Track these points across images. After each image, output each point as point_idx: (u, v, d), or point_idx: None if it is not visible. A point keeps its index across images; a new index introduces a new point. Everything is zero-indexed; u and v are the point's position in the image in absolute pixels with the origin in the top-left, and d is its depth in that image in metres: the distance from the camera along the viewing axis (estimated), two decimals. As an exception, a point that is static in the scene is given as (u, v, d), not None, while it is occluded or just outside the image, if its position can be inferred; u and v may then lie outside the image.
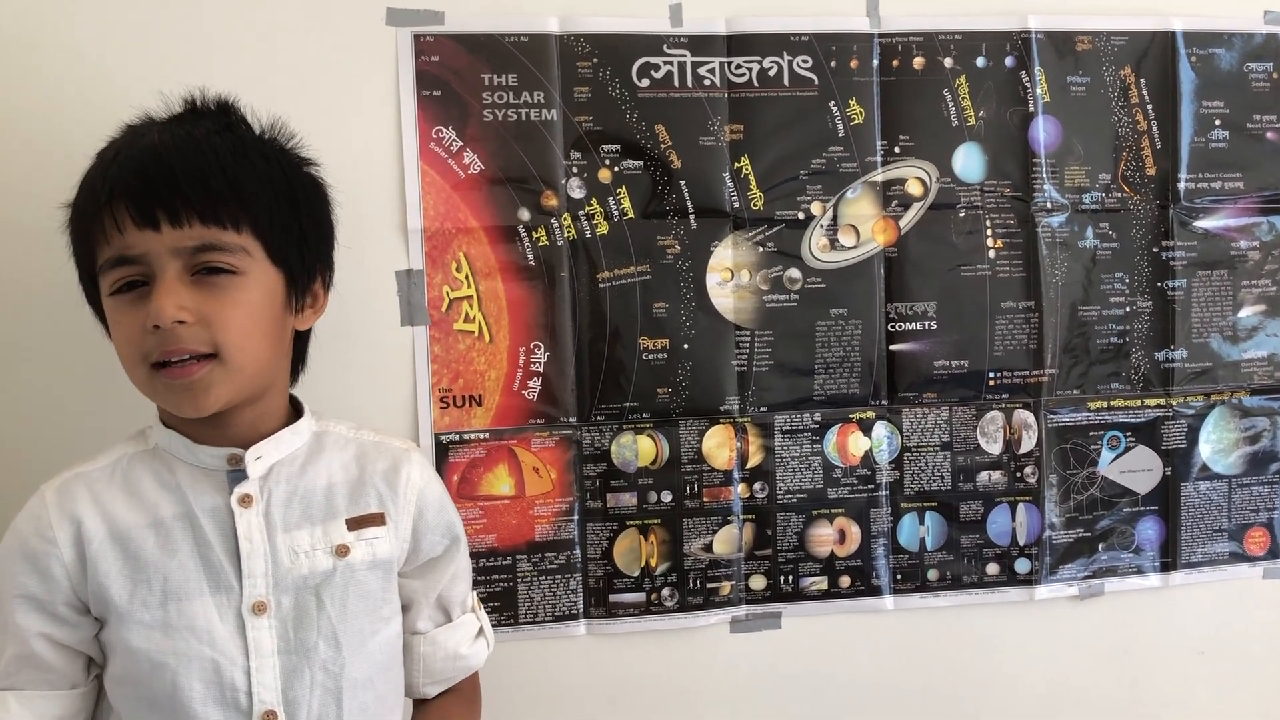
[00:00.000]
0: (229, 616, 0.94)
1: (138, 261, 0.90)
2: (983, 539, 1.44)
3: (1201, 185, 1.47)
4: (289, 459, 1.01)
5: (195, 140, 0.94)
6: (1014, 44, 1.41)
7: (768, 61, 1.36)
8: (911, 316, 1.41)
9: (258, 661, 0.94)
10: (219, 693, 0.93)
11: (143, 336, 0.90)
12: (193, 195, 0.90)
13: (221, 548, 0.95)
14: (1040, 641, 1.47)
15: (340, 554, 0.99)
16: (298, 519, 0.99)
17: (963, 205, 1.41)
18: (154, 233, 0.89)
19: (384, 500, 1.03)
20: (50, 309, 1.21)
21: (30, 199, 1.16)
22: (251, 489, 0.97)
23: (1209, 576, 1.51)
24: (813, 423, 1.40)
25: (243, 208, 0.93)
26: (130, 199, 0.89)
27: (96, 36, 1.23)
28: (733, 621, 1.40)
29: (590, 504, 1.36)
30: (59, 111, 1.22)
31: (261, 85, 1.24)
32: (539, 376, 1.34)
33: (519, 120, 1.31)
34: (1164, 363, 1.48)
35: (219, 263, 0.91)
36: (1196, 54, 1.46)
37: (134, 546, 0.94)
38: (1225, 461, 1.51)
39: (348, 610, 0.98)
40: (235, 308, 0.92)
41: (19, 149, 1.22)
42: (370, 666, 1.00)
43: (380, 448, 1.06)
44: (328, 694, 0.96)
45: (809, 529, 1.41)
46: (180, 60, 1.24)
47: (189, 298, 0.90)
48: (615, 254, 1.34)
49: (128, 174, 0.91)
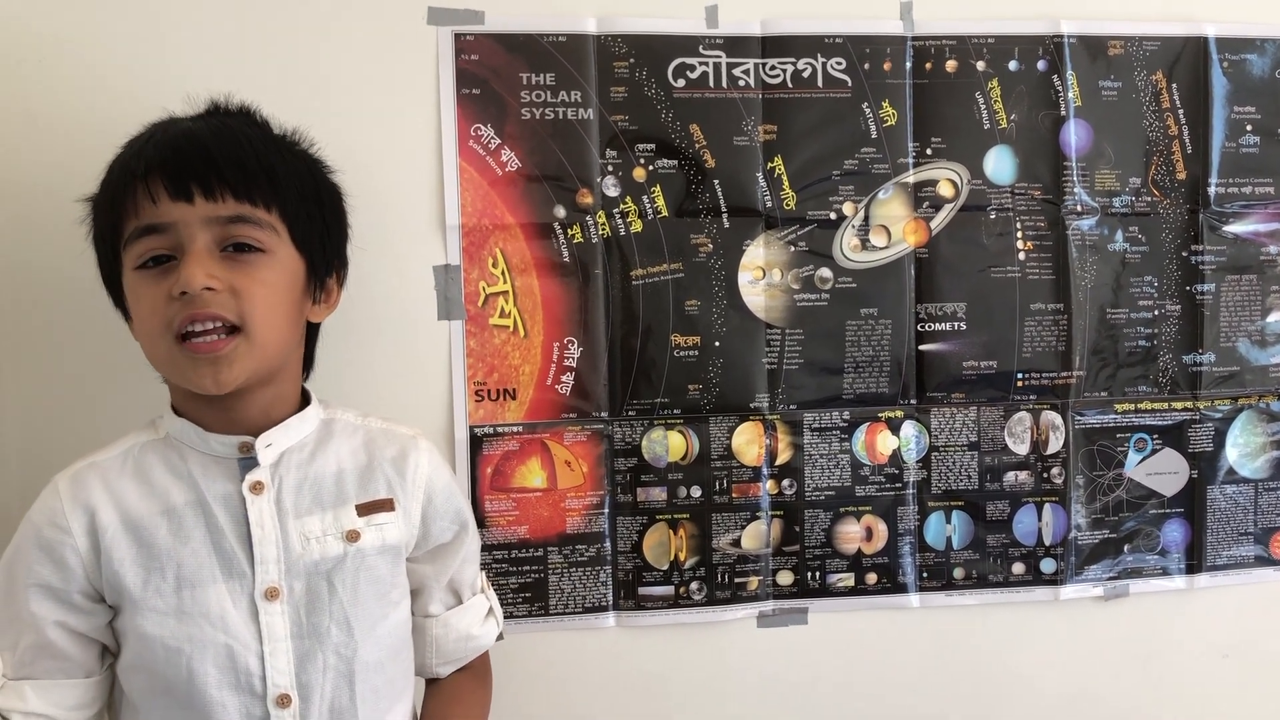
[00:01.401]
0: (242, 602, 0.96)
1: (167, 232, 0.92)
2: (1009, 538, 1.45)
3: (1231, 190, 1.48)
4: (298, 446, 1.02)
5: (229, 128, 0.97)
6: (1046, 48, 1.42)
7: (802, 63, 1.38)
8: (941, 317, 1.42)
9: (271, 646, 0.96)
10: (233, 678, 0.94)
11: (167, 305, 0.91)
12: (228, 172, 0.92)
13: (234, 534, 0.97)
14: (1064, 641, 1.48)
15: (351, 539, 1.00)
16: (308, 505, 1.00)
17: (993, 207, 1.42)
18: (187, 204, 0.91)
19: (393, 486, 1.04)
20: (64, 304, 1.24)
21: (52, 197, 1.18)
22: (263, 476, 0.99)
23: (1234, 580, 1.52)
24: (842, 421, 1.42)
25: (273, 190, 0.96)
26: (165, 173, 0.92)
27: (137, 36, 1.25)
28: (759, 616, 1.42)
29: (621, 498, 1.37)
30: (98, 109, 1.24)
31: (305, 83, 1.27)
32: (572, 371, 1.36)
33: (556, 119, 1.33)
34: (1191, 366, 1.48)
35: (248, 238, 0.93)
36: (1229, 59, 1.46)
37: (147, 535, 0.96)
38: (1252, 465, 1.51)
39: (359, 595, 1.00)
40: (262, 284, 0.94)
41: (47, 146, 1.24)
42: (381, 650, 1.01)
43: (388, 435, 1.08)
44: (340, 677, 0.98)
45: (836, 526, 1.42)
46: (223, 59, 1.26)
47: (218, 268, 0.91)
48: (649, 252, 1.36)
49: (164, 151, 0.93)
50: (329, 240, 1.04)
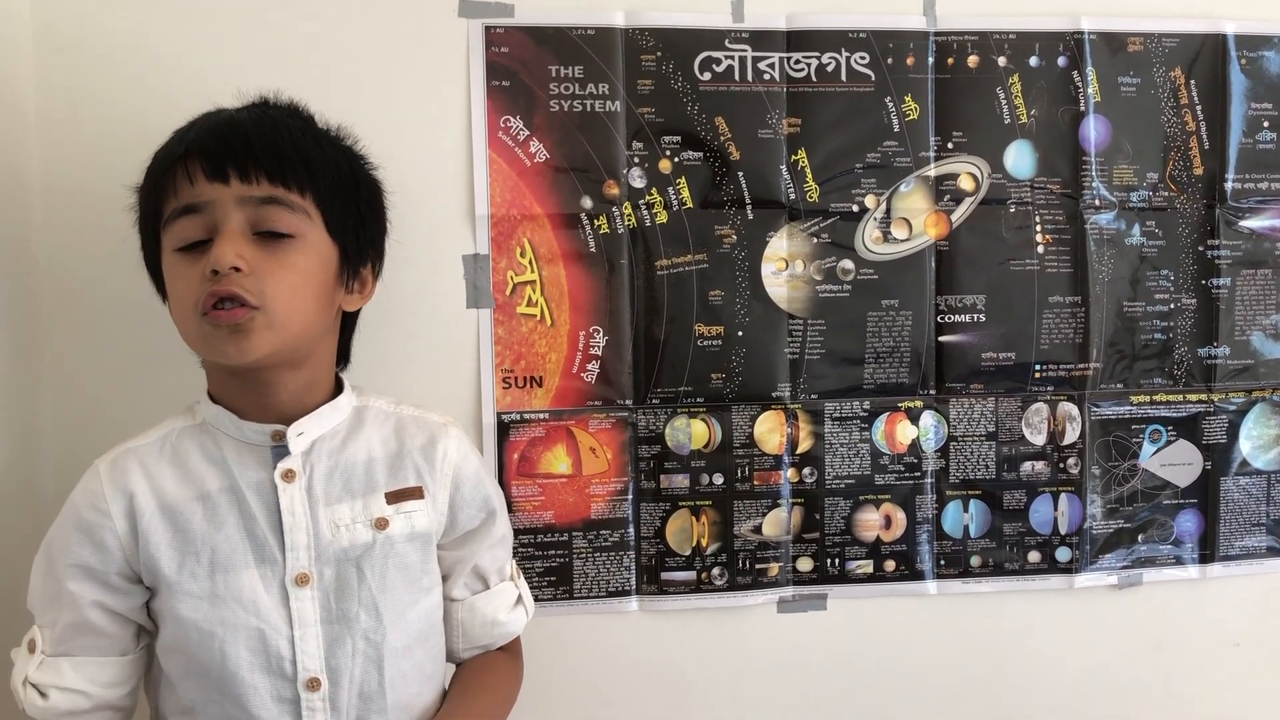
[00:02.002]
0: (273, 587, 0.98)
1: (203, 211, 0.94)
2: (1025, 527, 1.48)
3: (1248, 186, 1.50)
4: (330, 434, 1.04)
5: (270, 118, 1.00)
6: (1067, 44, 1.44)
7: (826, 57, 1.40)
8: (961, 309, 1.44)
9: (301, 631, 0.98)
10: (265, 661, 0.97)
11: (199, 284, 0.93)
12: (264, 156, 0.95)
13: (265, 521, 0.99)
14: (1079, 629, 1.51)
15: (379, 527, 1.02)
16: (339, 493, 1.02)
17: (1013, 201, 1.44)
18: (222, 185, 0.94)
19: (421, 474, 1.06)
20: (106, 294, 1.27)
21: (96, 192, 1.21)
22: (294, 464, 1.01)
23: (1246, 570, 1.54)
24: (862, 410, 1.44)
25: (309, 176, 0.98)
26: (204, 155, 0.95)
27: (172, 32, 1.28)
28: (780, 602, 1.44)
29: (644, 484, 1.40)
30: (138, 102, 1.27)
31: (337, 74, 1.30)
32: (597, 360, 1.38)
33: (584, 111, 1.35)
34: (1206, 359, 1.51)
35: (280, 223, 0.96)
36: (1247, 56, 1.48)
37: (182, 520, 0.98)
38: (1265, 457, 1.53)
39: (387, 581, 1.02)
40: (289, 269, 0.96)
41: (91, 140, 1.27)
42: (409, 636, 1.03)
43: (419, 422, 1.10)
44: (369, 662, 1.00)
45: (856, 514, 1.44)
46: (258, 51, 1.29)
47: (247, 250, 0.93)
48: (674, 243, 1.38)
49: (204, 135, 0.96)
50: (364, 230, 1.06)
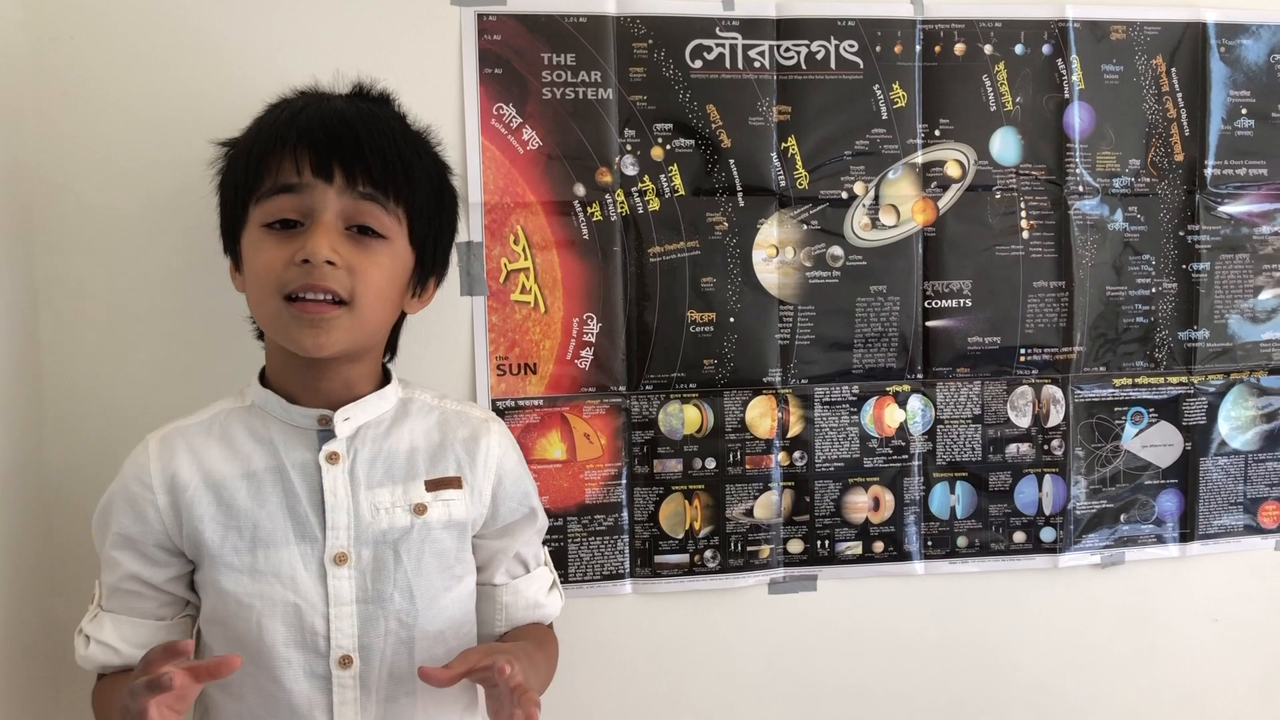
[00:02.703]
0: (312, 565, 1.01)
1: (301, 194, 0.96)
2: (1010, 508, 1.51)
3: (1227, 172, 1.53)
4: (375, 421, 1.06)
5: (377, 117, 1.03)
6: (1051, 32, 1.46)
7: (815, 45, 1.41)
8: (947, 294, 1.47)
9: (337, 609, 1.00)
10: (300, 636, 0.99)
11: (285, 268, 0.95)
12: (371, 159, 0.98)
13: (308, 500, 1.02)
14: (1063, 607, 1.54)
15: (418, 512, 1.04)
16: (380, 478, 1.04)
17: (999, 187, 1.47)
18: (326, 182, 0.97)
19: (462, 466, 1.09)
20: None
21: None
22: (339, 447, 1.03)
23: (1224, 548, 1.58)
24: (851, 395, 1.46)
25: (408, 186, 1.01)
26: (314, 146, 0.97)
27: (164, 22, 1.27)
28: (771, 583, 1.46)
29: (638, 469, 1.41)
30: (130, 96, 1.27)
31: (330, 62, 1.28)
32: (591, 347, 1.39)
33: (576, 99, 1.36)
34: (1187, 342, 1.54)
35: (373, 221, 0.99)
36: (1226, 44, 1.51)
37: (227, 495, 1.01)
38: (1243, 438, 1.57)
39: (423, 565, 1.04)
40: (377, 267, 0.99)
41: (86, 131, 1.27)
42: (442, 621, 1.05)
43: (462, 416, 1.12)
44: (400, 643, 1.02)
45: (845, 496, 1.47)
46: (251, 39, 1.29)
47: (341, 244, 0.97)
48: (666, 230, 1.39)
49: (315, 124, 0.98)
50: (440, 241, 1.10)
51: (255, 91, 1.23)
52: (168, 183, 1.27)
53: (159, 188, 1.27)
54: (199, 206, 1.13)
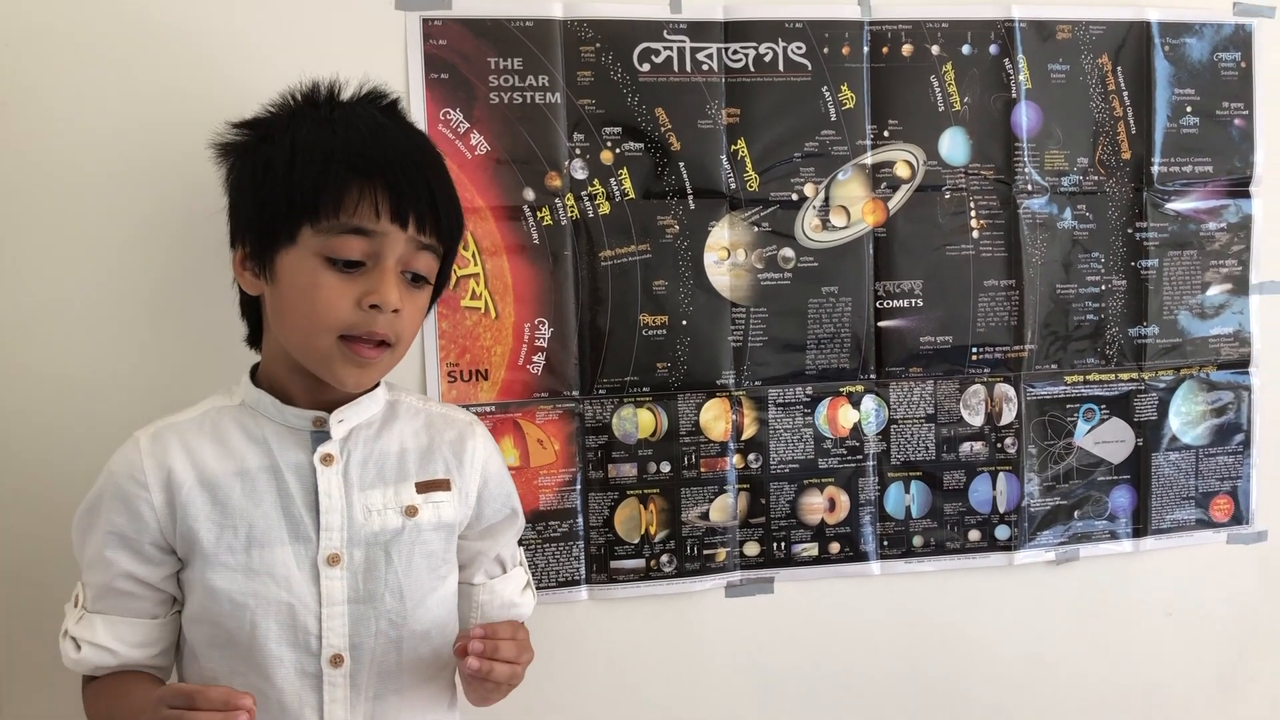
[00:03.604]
0: (305, 565, 1.01)
1: (372, 239, 0.97)
2: (965, 507, 1.51)
3: (1173, 169, 1.54)
4: (366, 423, 1.08)
5: (433, 156, 1.05)
6: (998, 32, 1.47)
7: (763, 47, 1.41)
8: (899, 294, 1.47)
9: (329, 609, 1.01)
10: (292, 635, 1.00)
11: (350, 309, 0.97)
12: (442, 215, 1.01)
13: (303, 501, 1.02)
14: (1019, 604, 1.55)
15: (409, 514, 1.06)
16: (372, 479, 1.06)
17: (948, 187, 1.47)
18: (399, 230, 0.98)
19: (450, 468, 1.10)
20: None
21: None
22: (333, 449, 1.04)
23: (1177, 542, 1.59)
24: (805, 396, 1.46)
25: (453, 235, 1.05)
26: (391, 191, 0.97)
27: (101, 26, 1.25)
28: (728, 586, 1.46)
29: (592, 474, 1.41)
30: (65, 102, 1.25)
31: (274, 67, 1.27)
32: (543, 352, 1.38)
33: (524, 103, 1.35)
34: (1137, 339, 1.55)
35: (424, 269, 1.02)
36: (1170, 43, 1.52)
37: (222, 493, 1.01)
38: (1193, 433, 1.59)
39: (413, 566, 1.05)
40: (418, 310, 1.04)
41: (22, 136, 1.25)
42: (428, 620, 1.06)
43: (447, 419, 1.14)
44: (390, 642, 1.04)
45: (800, 498, 1.47)
46: (193, 44, 1.27)
47: (402, 292, 0.99)
48: (617, 233, 1.39)
49: (391, 164, 0.98)
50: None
51: (205, 96, 1.24)
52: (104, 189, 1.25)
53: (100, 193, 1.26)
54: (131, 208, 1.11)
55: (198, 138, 1.09)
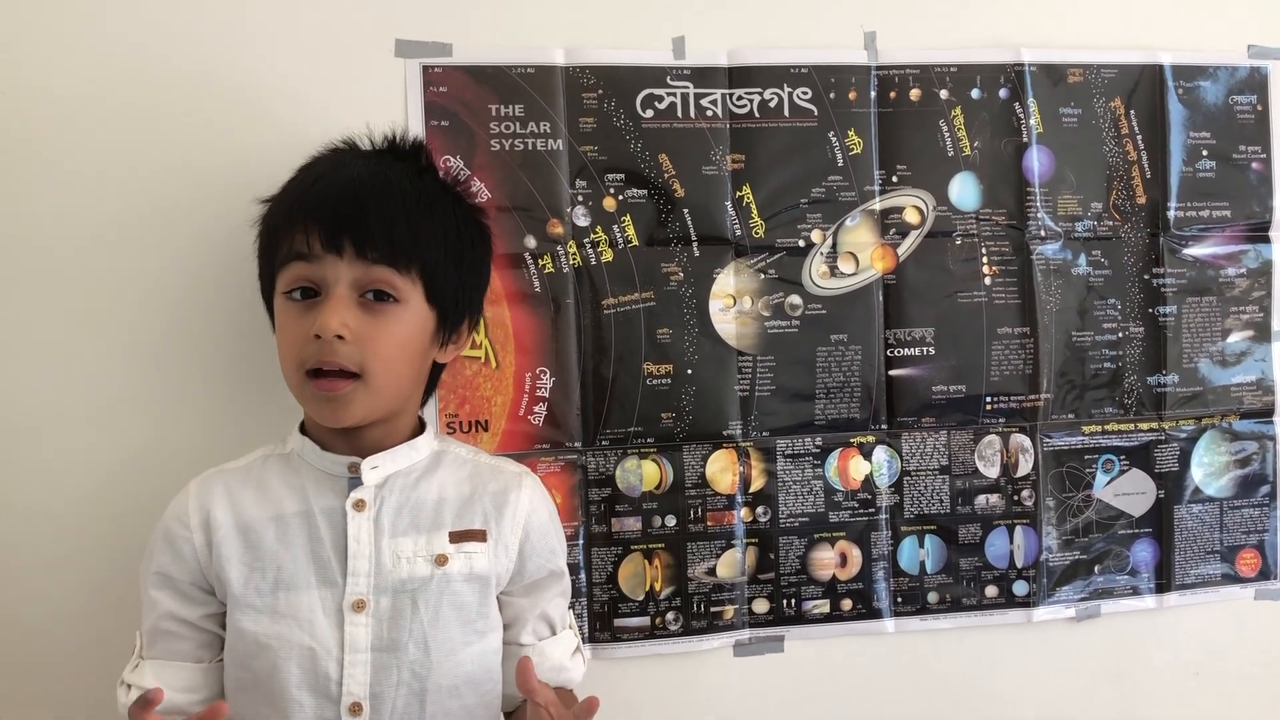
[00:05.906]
0: (330, 610, 1.02)
1: (314, 264, 1.00)
2: (981, 561, 1.46)
3: (1190, 214, 1.51)
4: (405, 471, 1.08)
5: (390, 183, 1.04)
6: (1008, 76, 1.45)
7: (768, 93, 1.39)
8: (910, 342, 1.43)
9: (351, 656, 1.01)
10: (313, 680, 1.00)
11: (304, 343, 0.99)
12: (378, 236, 1.00)
13: (332, 545, 1.03)
14: (1038, 663, 1.49)
15: (439, 563, 1.05)
16: (405, 527, 1.05)
17: (959, 233, 1.44)
18: (336, 257, 0.99)
19: (489, 519, 1.09)
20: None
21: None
22: (366, 495, 1.05)
23: (1202, 598, 1.53)
24: (814, 447, 1.42)
25: (417, 254, 1.03)
26: (323, 224, 0.99)
27: (103, 80, 1.25)
28: (736, 645, 1.41)
29: (595, 528, 1.37)
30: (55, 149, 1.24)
31: (275, 116, 1.27)
32: (544, 402, 1.35)
33: (525, 150, 1.33)
34: (1156, 387, 1.51)
35: (386, 285, 1.01)
36: (1184, 86, 1.50)
37: (255, 537, 1.03)
38: (1216, 484, 1.54)
39: (440, 617, 1.04)
40: (389, 336, 1.01)
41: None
42: (459, 676, 1.05)
43: (495, 470, 1.13)
44: (412, 694, 1.02)
45: (811, 552, 1.42)
46: (198, 94, 1.26)
47: (352, 317, 0.99)
48: (620, 281, 1.36)
49: (327, 200, 1.01)
50: (463, 294, 1.10)
51: (205, 147, 1.23)
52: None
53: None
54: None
55: (197, 184, 1.10)
